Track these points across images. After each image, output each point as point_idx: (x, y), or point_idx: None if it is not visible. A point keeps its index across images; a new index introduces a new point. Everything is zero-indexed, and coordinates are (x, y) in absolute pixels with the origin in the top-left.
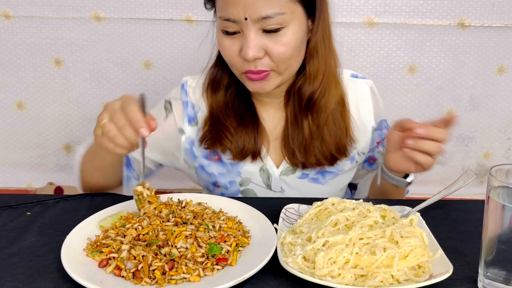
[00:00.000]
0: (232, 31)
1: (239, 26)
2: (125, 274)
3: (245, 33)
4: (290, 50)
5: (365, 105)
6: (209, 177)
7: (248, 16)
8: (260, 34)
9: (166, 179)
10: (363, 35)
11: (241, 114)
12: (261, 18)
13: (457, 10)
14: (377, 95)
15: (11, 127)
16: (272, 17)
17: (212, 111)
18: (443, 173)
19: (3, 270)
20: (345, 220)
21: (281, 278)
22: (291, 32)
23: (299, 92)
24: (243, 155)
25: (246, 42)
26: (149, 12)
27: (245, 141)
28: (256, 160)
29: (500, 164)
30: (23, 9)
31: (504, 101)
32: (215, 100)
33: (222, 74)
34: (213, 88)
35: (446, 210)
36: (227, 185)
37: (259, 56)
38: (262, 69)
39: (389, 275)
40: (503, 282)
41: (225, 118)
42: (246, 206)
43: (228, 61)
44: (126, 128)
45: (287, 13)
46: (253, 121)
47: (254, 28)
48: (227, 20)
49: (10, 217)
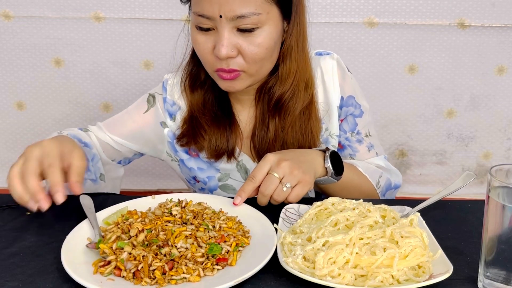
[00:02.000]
0: (206, 27)
1: (214, 23)
2: (125, 274)
3: (219, 30)
4: (264, 51)
5: (331, 81)
6: (189, 171)
7: (223, 14)
8: (234, 32)
9: (166, 179)
10: (363, 35)
11: (215, 112)
12: (236, 17)
13: (457, 10)
14: (344, 68)
15: (11, 127)
16: (247, 16)
17: (191, 109)
18: (443, 173)
19: (3, 270)
20: (345, 220)
21: (281, 278)
22: (265, 33)
23: (269, 92)
24: (218, 155)
25: (220, 40)
26: (149, 12)
27: (217, 140)
28: (231, 159)
29: (500, 164)
30: (23, 9)
31: (504, 101)
32: (193, 98)
33: (197, 70)
34: (190, 85)
35: (446, 210)
36: (205, 180)
37: (232, 55)
38: (233, 68)
39: (389, 275)
40: (503, 282)
41: (201, 117)
42: (246, 206)
43: (201, 57)
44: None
45: (263, 13)
46: (226, 120)
47: (228, 27)
48: (201, 16)
49: (10, 217)
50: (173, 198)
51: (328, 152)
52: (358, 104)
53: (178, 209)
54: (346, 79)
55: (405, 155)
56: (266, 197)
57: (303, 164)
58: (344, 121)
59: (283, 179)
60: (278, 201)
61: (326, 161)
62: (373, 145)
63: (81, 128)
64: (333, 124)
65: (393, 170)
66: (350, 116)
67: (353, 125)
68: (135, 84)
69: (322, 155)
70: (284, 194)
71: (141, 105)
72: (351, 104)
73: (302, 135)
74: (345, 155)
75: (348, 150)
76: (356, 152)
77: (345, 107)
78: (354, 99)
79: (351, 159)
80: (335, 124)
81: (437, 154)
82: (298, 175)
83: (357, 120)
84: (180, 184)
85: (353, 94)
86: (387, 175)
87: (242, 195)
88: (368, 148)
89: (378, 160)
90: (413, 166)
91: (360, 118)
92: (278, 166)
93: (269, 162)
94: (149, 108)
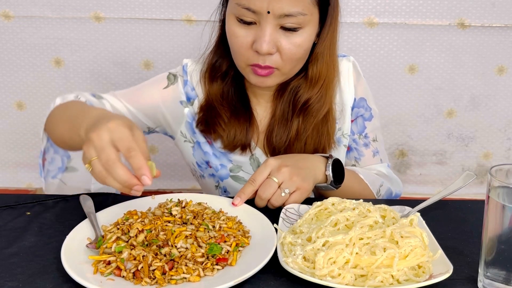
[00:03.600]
0: (248, 21)
1: (258, 18)
2: (125, 274)
3: (263, 26)
4: (302, 51)
5: (346, 82)
6: (203, 155)
7: (271, 10)
8: (277, 30)
9: (166, 179)
10: (363, 35)
11: (235, 105)
12: (283, 15)
13: (457, 10)
14: (359, 71)
15: (11, 127)
16: (294, 16)
17: (208, 99)
18: (443, 173)
19: (3, 270)
20: (345, 220)
21: (281, 278)
22: (306, 34)
23: (295, 93)
24: (233, 147)
25: (263, 36)
26: (149, 12)
27: (236, 132)
28: (246, 152)
29: (500, 164)
30: (23, 9)
31: (504, 101)
32: (212, 89)
33: (221, 61)
34: (210, 76)
35: (446, 210)
36: (218, 167)
37: (272, 51)
38: (269, 65)
39: (389, 275)
40: (503, 282)
41: (220, 108)
42: (246, 206)
43: (237, 50)
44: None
45: (308, 14)
46: (246, 113)
47: (273, 23)
48: (247, 9)
49: (10, 217)
50: (173, 198)
51: (331, 160)
52: (369, 107)
53: (178, 209)
54: (360, 81)
55: (405, 155)
56: (263, 200)
57: (303, 170)
58: (353, 122)
59: (282, 184)
60: (275, 205)
61: (327, 169)
62: (379, 151)
63: (94, 94)
64: (346, 123)
65: (394, 179)
66: (360, 118)
67: (362, 128)
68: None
69: (324, 161)
70: (281, 200)
71: (161, 81)
72: (362, 106)
73: (319, 136)
74: (350, 158)
75: (354, 152)
76: (361, 156)
77: (356, 108)
78: (365, 101)
79: (355, 163)
80: (348, 124)
81: (437, 154)
82: (297, 182)
83: (366, 123)
84: (180, 184)
85: (365, 96)
86: (388, 184)
87: (242, 196)
88: (373, 153)
89: (381, 167)
90: (413, 166)
91: (369, 121)
92: (278, 171)
93: (270, 166)
94: (169, 85)
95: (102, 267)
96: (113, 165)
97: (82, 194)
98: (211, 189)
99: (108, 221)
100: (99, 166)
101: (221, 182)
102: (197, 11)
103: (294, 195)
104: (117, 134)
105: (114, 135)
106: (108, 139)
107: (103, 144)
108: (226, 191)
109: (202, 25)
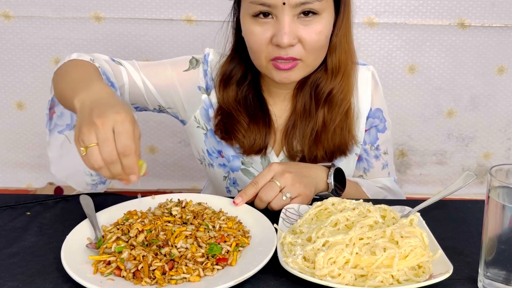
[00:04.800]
0: (265, 14)
1: (274, 11)
2: (125, 274)
3: (280, 18)
4: (323, 38)
5: (364, 91)
6: (216, 143)
7: (286, 0)
8: (295, 20)
9: (166, 179)
10: (363, 35)
11: (253, 110)
12: (300, 3)
13: (457, 10)
14: (378, 81)
15: (11, 127)
16: (311, 2)
17: (223, 104)
18: (443, 173)
19: (3, 270)
20: (345, 220)
21: (281, 278)
22: (324, 20)
23: (315, 86)
24: (252, 151)
25: (282, 28)
26: (149, 12)
27: (256, 137)
28: (261, 154)
29: (500, 164)
30: (23, 9)
31: (504, 101)
32: (226, 95)
33: (237, 68)
34: (224, 84)
35: (446, 210)
36: (230, 158)
37: (293, 42)
38: (293, 56)
39: (389, 275)
40: (503, 282)
41: (238, 114)
42: (246, 206)
43: (256, 49)
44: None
45: (323, 1)
46: (264, 117)
47: (291, 14)
48: (262, 4)
49: (10, 217)
50: (173, 198)
51: (333, 169)
52: (384, 118)
53: (178, 209)
54: (377, 91)
55: (405, 155)
56: (263, 202)
57: (305, 178)
58: (367, 132)
59: (284, 189)
60: (274, 209)
61: (329, 177)
62: (388, 164)
63: (114, 59)
64: (360, 132)
65: (398, 193)
66: (373, 129)
67: (374, 139)
68: None
69: (326, 171)
70: (282, 203)
71: (182, 63)
72: (377, 117)
73: (342, 130)
74: (359, 168)
75: (363, 163)
76: (371, 167)
77: (371, 118)
78: (381, 112)
79: (363, 174)
80: (361, 133)
81: (437, 154)
82: (299, 188)
83: (379, 134)
84: (180, 184)
85: (381, 107)
86: (390, 198)
87: (243, 196)
88: (383, 165)
89: (386, 181)
90: (413, 166)
91: (382, 133)
92: (281, 176)
93: (273, 170)
94: (189, 69)
95: (102, 267)
96: (115, 161)
97: (82, 194)
98: (219, 180)
99: (108, 221)
100: (97, 155)
101: (231, 173)
102: (197, 11)
103: (295, 201)
104: (121, 128)
105: (119, 127)
106: (112, 131)
107: (107, 135)
108: (235, 183)
109: (202, 25)
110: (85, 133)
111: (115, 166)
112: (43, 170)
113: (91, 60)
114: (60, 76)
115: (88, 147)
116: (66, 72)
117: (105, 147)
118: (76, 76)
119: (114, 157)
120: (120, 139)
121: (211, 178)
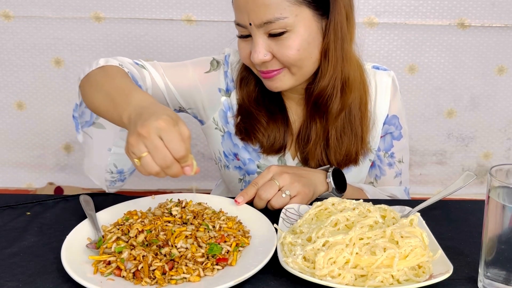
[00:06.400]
0: (244, 34)
1: (248, 31)
2: (125, 274)
3: (253, 37)
4: (296, 52)
5: (382, 97)
6: (232, 146)
7: (252, 21)
8: (266, 38)
9: (166, 179)
10: (363, 35)
11: (271, 108)
12: (263, 23)
13: (457, 10)
14: (397, 87)
15: (11, 127)
16: (273, 22)
17: (243, 104)
18: (443, 173)
19: (3, 270)
20: (345, 220)
21: (281, 278)
22: (295, 35)
23: (318, 95)
24: (271, 150)
25: (253, 47)
26: (149, 12)
27: (276, 135)
28: (280, 153)
29: (500, 164)
30: (23, 9)
31: (504, 101)
32: (245, 94)
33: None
34: (244, 83)
35: (446, 210)
36: (246, 161)
37: (266, 59)
38: (272, 69)
39: (389, 275)
40: (503, 282)
41: (257, 113)
42: (246, 206)
43: (245, 62)
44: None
45: (289, 17)
46: (282, 116)
47: (259, 33)
48: (238, 25)
49: (10, 217)
50: (173, 198)
51: (331, 169)
52: (400, 125)
53: (178, 209)
54: (396, 98)
55: None
56: (263, 200)
57: (304, 178)
58: (382, 139)
59: (283, 188)
60: (275, 207)
61: (328, 176)
62: (402, 173)
63: (137, 62)
64: (375, 138)
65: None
66: (389, 136)
67: (389, 146)
68: None
69: (324, 173)
70: (282, 201)
71: (203, 65)
72: (393, 124)
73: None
74: (371, 174)
75: (376, 170)
76: (383, 175)
77: (387, 125)
78: (398, 119)
79: (374, 181)
80: (377, 139)
81: (437, 154)
82: (298, 187)
83: (394, 142)
84: (180, 184)
85: (398, 114)
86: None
87: (245, 196)
88: (396, 174)
89: (395, 190)
90: (413, 166)
91: (397, 141)
92: (280, 176)
93: (272, 172)
94: (211, 70)
95: (102, 267)
96: (171, 165)
97: (82, 194)
98: (234, 181)
99: (108, 221)
100: (152, 163)
101: (247, 176)
102: (197, 11)
103: (294, 199)
104: (166, 135)
105: (164, 135)
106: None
107: (156, 143)
108: None
109: (202, 25)
110: (133, 145)
111: (172, 168)
112: (43, 170)
113: (120, 65)
114: (93, 87)
115: (141, 157)
116: (100, 84)
117: (157, 154)
118: (112, 89)
119: (169, 161)
120: (171, 147)
121: (225, 180)
